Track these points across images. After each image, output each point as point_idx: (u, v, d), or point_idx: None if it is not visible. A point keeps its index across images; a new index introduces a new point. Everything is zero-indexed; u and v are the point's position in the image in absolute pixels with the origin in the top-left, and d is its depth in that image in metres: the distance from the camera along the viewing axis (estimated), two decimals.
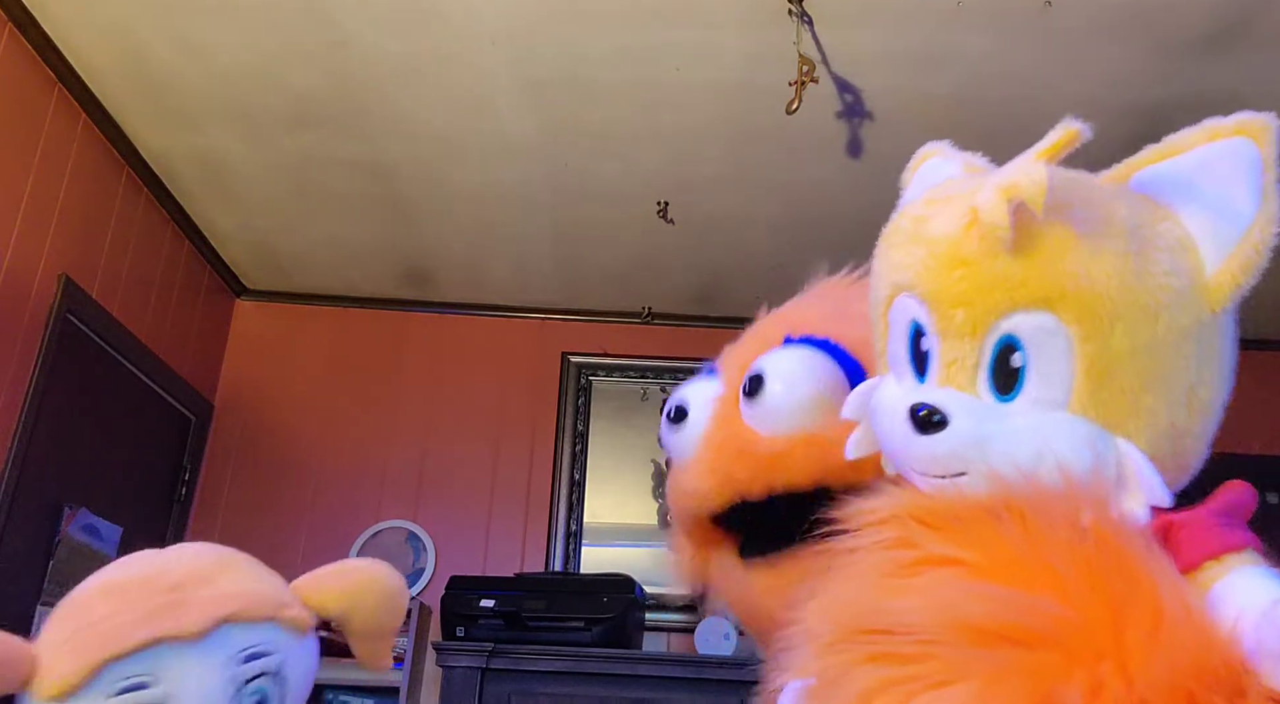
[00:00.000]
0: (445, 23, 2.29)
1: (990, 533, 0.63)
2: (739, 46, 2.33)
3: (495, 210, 3.08)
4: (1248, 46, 2.28)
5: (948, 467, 0.67)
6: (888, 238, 0.77)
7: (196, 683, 0.87)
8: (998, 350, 0.68)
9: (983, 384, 0.68)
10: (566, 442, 3.54)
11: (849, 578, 0.67)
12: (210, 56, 2.43)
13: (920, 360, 0.72)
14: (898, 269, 0.73)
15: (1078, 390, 0.66)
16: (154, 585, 0.91)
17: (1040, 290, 0.66)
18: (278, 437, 3.45)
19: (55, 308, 2.54)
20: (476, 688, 2.54)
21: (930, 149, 0.87)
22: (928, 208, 0.73)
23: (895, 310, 0.74)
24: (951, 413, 0.66)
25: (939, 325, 0.70)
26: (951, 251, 0.69)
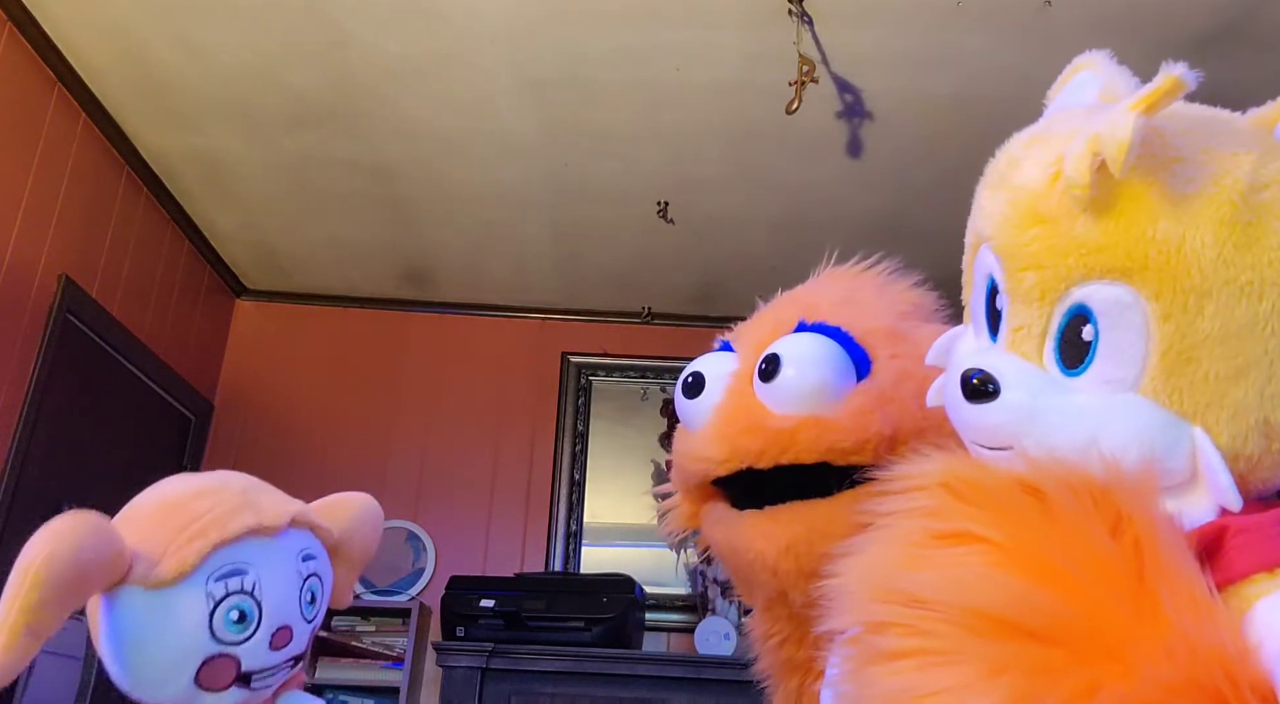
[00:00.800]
0: (445, 23, 2.29)
1: (1022, 516, 0.60)
2: (739, 46, 2.33)
3: (495, 210, 3.08)
4: (1248, 46, 2.28)
5: (994, 438, 0.64)
6: (986, 176, 0.71)
7: (278, 572, 1.00)
8: (1067, 319, 0.62)
9: (1049, 355, 0.64)
10: (566, 442, 3.54)
11: (882, 540, 0.65)
12: (210, 56, 2.43)
13: (995, 318, 0.68)
14: (982, 216, 0.68)
15: (1151, 372, 0.60)
16: (227, 490, 1.03)
17: (1119, 259, 0.59)
18: (278, 437, 3.45)
19: (55, 308, 2.54)
20: (476, 688, 2.54)
21: (1083, 60, 0.75)
22: (1026, 148, 0.67)
23: (978, 261, 0.70)
24: (1006, 382, 0.63)
25: (1010, 287, 0.65)
26: (1030, 206, 0.63)
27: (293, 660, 1.02)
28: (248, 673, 0.97)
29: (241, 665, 0.96)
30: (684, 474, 1.05)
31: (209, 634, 0.95)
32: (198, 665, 0.95)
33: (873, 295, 1.04)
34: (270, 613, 0.98)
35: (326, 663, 3.04)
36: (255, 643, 0.97)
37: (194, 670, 0.95)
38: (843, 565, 0.67)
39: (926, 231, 3.02)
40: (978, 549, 0.59)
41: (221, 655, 0.95)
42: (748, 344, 1.02)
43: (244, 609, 0.96)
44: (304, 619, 1.02)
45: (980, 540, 0.59)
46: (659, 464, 3.49)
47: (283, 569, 1.01)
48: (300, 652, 1.03)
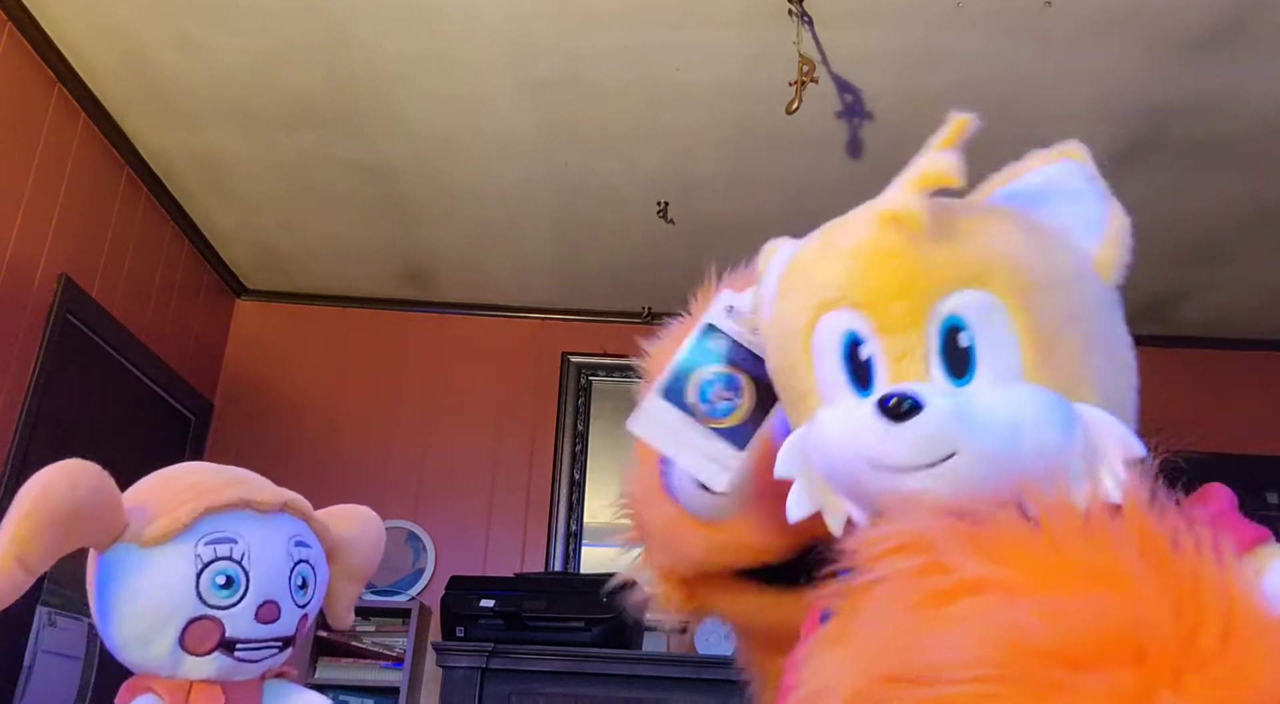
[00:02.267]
0: (445, 23, 2.29)
1: (1019, 545, 0.58)
2: (739, 46, 2.33)
3: (495, 210, 3.08)
4: (1247, 46, 2.28)
5: (935, 450, 0.63)
6: (790, 278, 0.76)
7: (266, 547, 1.03)
8: (944, 334, 0.67)
9: (936, 370, 0.67)
10: (566, 442, 3.54)
11: (871, 618, 0.60)
12: (210, 56, 2.43)
13: (860, 373, 0.70)
14: (818, 289, 0.72)
15: (1028, 360, 0.66)
16: (226, 471, 1.09)
17: (971, 268, 0.67)
18: (278, 437, 3.45)
19: (55, 308, 2.54)
20: (476, 688, 2.54)
21: (771, 245, 0.86)
22: (827, 236, 0.75)
23: (819, 334, 0.72)
24: (924, 395, 0.64)
25: (879, 323, 0.69)
26: (874, 250, 0.69)
27: (280, 643, 1.04)
28: (231, 640, 0.99)
29: (226, 631, 0.99)
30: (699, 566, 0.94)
31: (195, 595, 0.98)
32: (182, 625, 0.98)
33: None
34: (257, 584, 1.01)
35: (326, 663, 3.04)
36: (240, 610, 0.99)
37: (179, 630, 0.98)
38: (824, 661, 0.62)
39: None
40: (995, 595, 0.56)
41: (206, 618, 0.98)
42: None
43: (231, 575, 0.99)
44: (294, 602, 1.04)
45: (993, 584, 0.57)
46: None
47: (273, 546, 1.04)
48: (288, 635, 1.04)
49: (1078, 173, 0.75)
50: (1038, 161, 0.76)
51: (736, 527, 0.90)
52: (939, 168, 0.67)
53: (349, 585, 1.19)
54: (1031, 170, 0.76)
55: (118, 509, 0.99)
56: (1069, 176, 0.75)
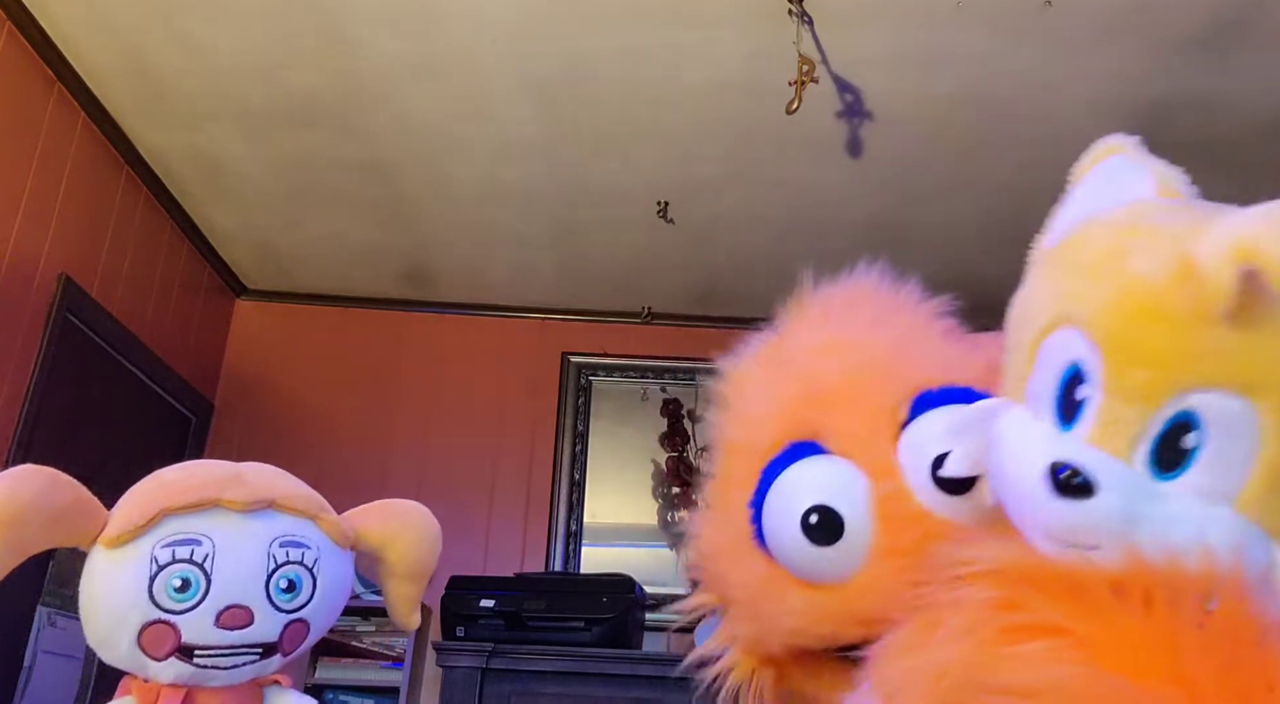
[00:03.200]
0: (445, 23, 2.29)
1: (1108, 606, 0.55)
2: (739, 46, 2.33)
3: (495, 210, 3.08)
4: (1248, 46, 2.28)
5: (1083, 538, 0.59)
6: (1060, 256, 0.67)
7: (237, 548, 0.98)
8: (1170, 425, 0.58)
9: (1141, 456, 0.59)
10: (566, 442, 3.54)
11: (942, 640, 0.59)
12: (210, 56, 2.43)
13: (1068, 406, 0.63)
14: (1071, 299, 0.63)
15: (1251, 488, 0.57)
16: (221, 468, 1.06)
17: (1245, 373, 0.56)
18: (278, 436, 3.45)
19: (55, 308, 2.54)
20: (476, 688, 2.54)
21: (1112, 143, 0.73)
22: (1123, 237, 0.63)
23: (1052, 343, 0.64)
24: (1101, 482, 0.57)
25: (1110, 380, 0.60)
26: (1151, 302, 0.58)
27: (259, 649, 0.99)
28: (188, 645, 0.96)
29: (181, 635, 0.96)
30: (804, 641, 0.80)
31: (148, 597, 0.95)
32: (138, 628, 0.96)
33: (918, 319, 0.86)
34: (220, 588, 0.97)
35: (326, 663, 3.04)
36: (198, 615, 0.96)
37: (134, 633, 0.96)
38: (893, 668, 0.60)
39: (927, 232, 3.02)
40: (1065, 644, 0.54)
41: (160, 621, 0.95)
42: (861, 443, 0.79)
43: (187, 578, 0.96)
44: (274, 606, 0.99)
45: (1065, 633, 0.54)
46: (659, 464, 3.48)
47: (246, 548, 0.99)
48: (267, 641, 1.00)
49: None
50: None
51: (849, 589, 0.76)
52: (1276, 250, 0.53)
53: (401, 584, 1.13)
54: None
55: (96, 517, 0.98)
56: None
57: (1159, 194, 0.68)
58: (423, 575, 1.15)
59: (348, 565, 1.09)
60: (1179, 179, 0.70)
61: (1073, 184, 0.73)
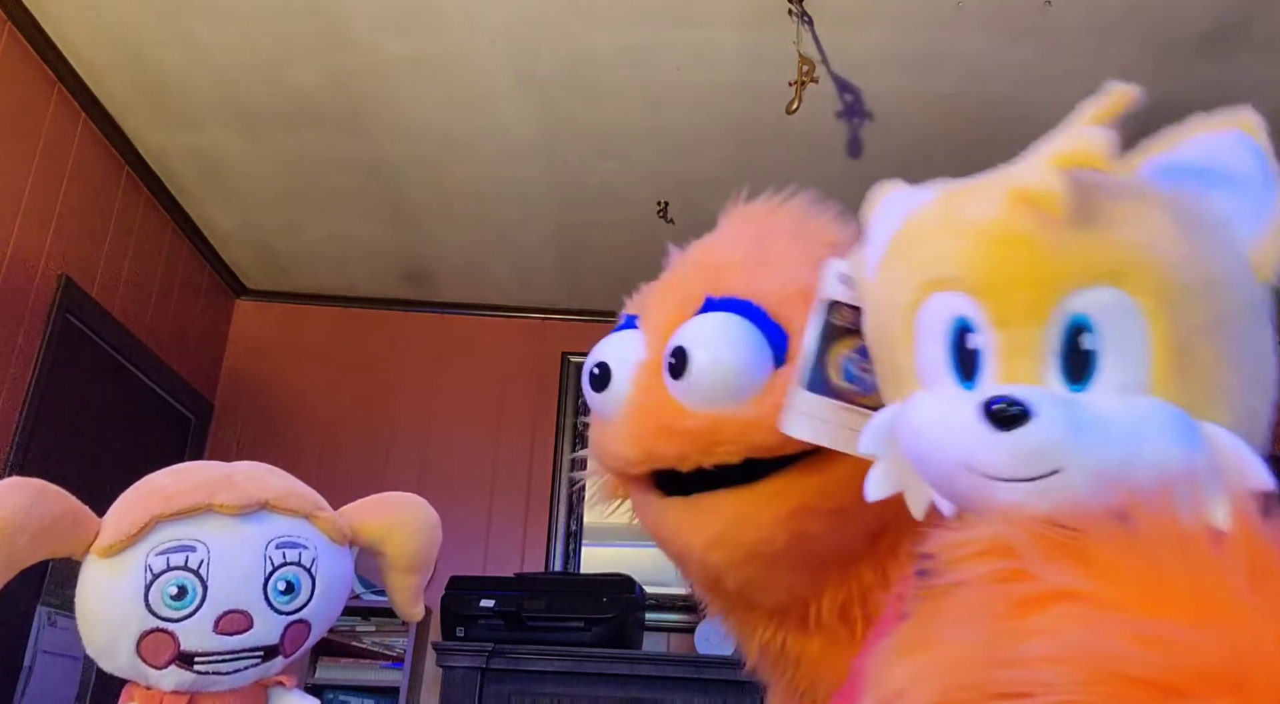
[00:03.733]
0: (445, 23, 2.29)
1: (1113, 555, 0.54)
2: (739, 46, 2.33)
3: (495, 210, 3.08)
4: (1248, 46, 2.28)
5: (1039, 465, 0.58)
6: (901, 244, 0.70)
7: (233, 553, 0.98)
8: (1067, 333, 0.60)
9: (1053, 372, 0.61)
10: (566, 442, 3.54)
11: (951, 625, 0.57)
12: (210, 56, 2.43)
13: (966, 362, 0.64)
14: (931, 265, 0.65)
15: (1157, 371, 0.59)
16: (212, 470, 1.05)
17: (1108, 264, 0.60)
18: (277, 436, 3.45)
19: (55, 308, 2.54)
20: (476, 688, 2.54)
21: (884, 187, 0.79)
22: (949, 203, 0.67)
23: (925, 314, 0.66)
24: (1033, 403, 0.58)
25: (996, 314, 0.62)
26: (1002, 231, 0.62)
27: (260, 653, 0.99)
28: (188, 653, 0.95)
29: (180, 644, 0.95)
30: (602, 463, 0.99)
31: (144, 607, 0.94)
32: (136, 637, 0.95)
33: (785, 245, 0.94)
34: (217, 594, 0.96)
35: (326, 663, 3.04)
36: (196, 622, 0.95)
37: (133, 642, 0.95)
38: (907, 666, 0.59)
39: None
40: (1084, 608, 0.53)
41: (158, 630, 0.95)
42: (653, 326, 0.93)
43: (184, 585, 0.95)
44: (273, 608, 0.99)
45: (1082, 597, 0.53)
46: None
47: (242, 551, 0.98)
48: (268, 644, 0.99)
49: (1246, 148, 0.66)
50: (1201, 129, 0.67)
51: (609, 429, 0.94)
52: (1088, 145, 0.59)
53: (403, 576, 1.13)
54: (1193, 140, 0.67)
55: (68, 522, 0.96)
56: (1235, 151, 0.66)
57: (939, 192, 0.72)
58: (424, 567, 1.15)
59: (347, 562, 1.09)
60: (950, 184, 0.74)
61: (865, 228, 0.77)
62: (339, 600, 1.07)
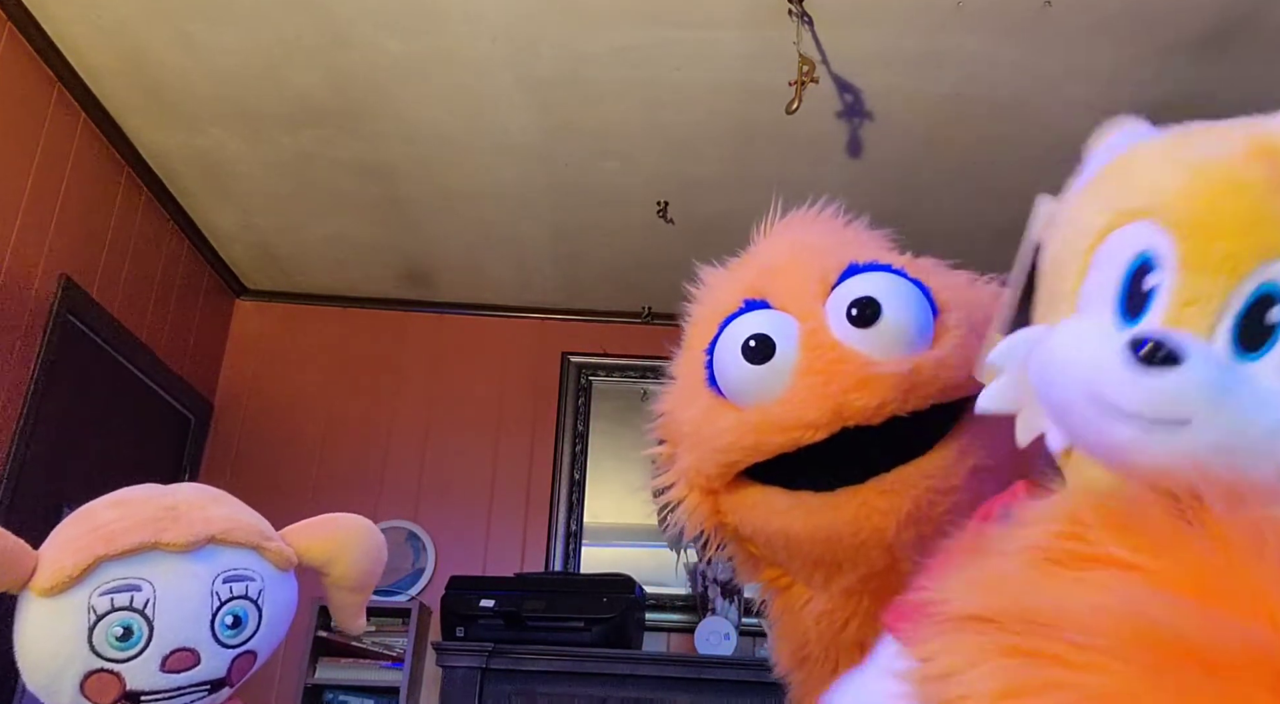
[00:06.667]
0: (445, 22, 2.29)
1: (1178, 539, 0.52)
2: (739, 46, 2.33)
3: (495, 210, 3.08)
4: (1248, 46, 2.28)
5: (1172, 411, 0.55)
6: (1112, 171, 0.66)
7: (179, 591, 0.96)
8: (1253, 299, 0.56)
9: (1224, 333, 0.56)
10: (566, 442, 3.54)
11: (1002, 555, 0.57)
12: (210, 56, 2.43)
13: (1134, 301, 0.60)
14: (1139, 192, 0.61)
15: None
16: (155, 503, 1.01)
17: None
18: (277, 437, 3.45)
19: (55, 308, 2.54)
20: (476, 688, 2.54)
21: (1124, 120, 0.73)
22: (1182, 138, 0.62)
23: (1112, 243, 0.62)
24: (1188, 352, 0.54)
25: (1188, 256, 0.57)
26: (1228, 175, 0.57)
27: (207, 686, 0.98)
28: (134, 692, 0.94)
29: (126, 684, 0.94)
30: (742, 454, 0.91)
31: (88, 648, 0.93)
32: (80, 677, 0.93)
33: (865, 237, 1.00)
34: (163, 634, 0.95)
35: (326, 663, 3.04)
36: (143, 662, 0.94)
37: (77, 682, 0.93)
38: (948, 583, 0.58)
39: (927, 231, 3.01)
40: (1133, 577, 0.52)
41: (103, 670, 0.93)
42: (799, 298, 0.92)
43: (129, 625, 0.93)
44: (220, 643, 0.98)
45: (1131, 566, 0.52)
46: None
47: (188, 589, 0.97)
48: (215, 678, 0.99)
49: None
50: None
51: (775, 405, 0.88)
52: None
53: (347, 595, 1.14)
54: None
55: (23, 562, 0.94)
56: None
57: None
58: (369, 587, 1.15)
59: (292, 589, 1.08)
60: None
61: (1085, 160, 0.72)
62: (285, 626, 1.07)
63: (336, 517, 1.15)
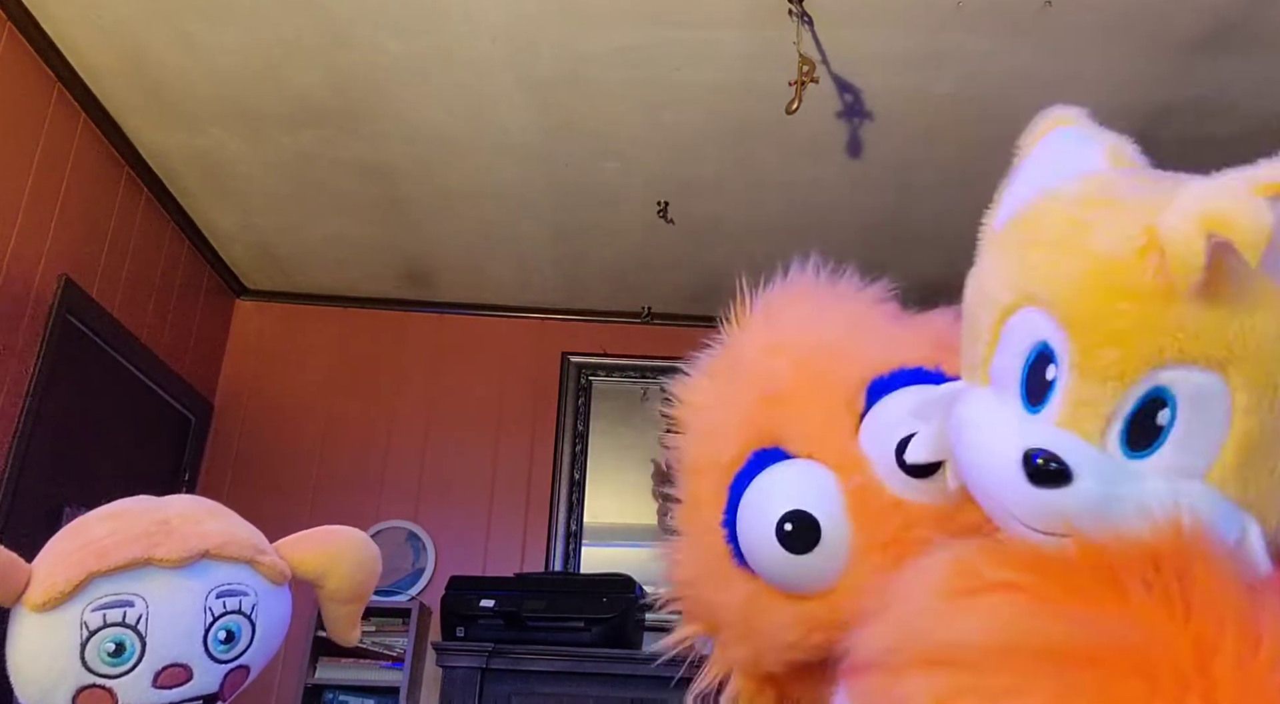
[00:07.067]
0: (445, 22, 2.29)
1: (1055, 561, 0.57)
2: (739, 46, 2.33)
3: (495, 210, 3.08)
4: (1248, 47, 2.28)
5: (1056, 526, 0.58)
6: (1017, 233, 0.65)
7: (172, 607, 0.96)
8: (1142, 403, 0.57)
9: (1114, 435, 0.58)
10: (566, 442, 3.54)
11: (904, 599, 0.62)
12: (210, 56, 2.43)
13: (1036, 387, 0.61)
14: (1035, 277, 0.61)
15: (1223, 462, 0.56)
16: (148, 517, 1.01)
17: (1215, 347, 0.55)
18: (278, 437, 3.45)
19: (55, 308, 2.54)
20: (476, 688, 2.54)
21: (1058, 115, 0.72)
22: (1086, 210, 0.60)
23: (1016, 322, 0.62)
24: (1076, 468, 0.56)
25: (1079, 360, 0.58)
26: (1118, 279, 0.56)
27: (199, 701, 0.98)
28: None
29: (118, 699, 0.93)
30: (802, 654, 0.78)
31: (80, 664, 0.92)
32: (72, 693, 0.93)
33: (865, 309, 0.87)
34: (156, 649, 0.94)
35: (326, 663, 3.04)
36: (135, 678, 0.93)
37: (69, 697, 0.93)
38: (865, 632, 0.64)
39: (926, 232, 3.02)
40: (1018, 597, 0.56)
41: (95, 687, 0.93)
42: (823, 442, 0.78)
43: (121, 641, 0.93)
44: (213, 659, 0.98)
45: (1013, 587, 0.57)
46: (658, 463, 3.48)
47: (181, 605, 0.96)
48: (207, 693, 0.98)
49: None
50: None
51: (837, 593, 0.74)
52: (1246, 223, 0.51)
53: (340, 606, 1.13)
54: None
55: (17, 576, 0.94)
56: None
57: (1111, 165, 0.67)
58: (362, 598, 1.14)
59: (286, 603, 1.08)
60: (1130, 148, 0.69)
61: (1020, 158, 0.72)
62: (278, 640, 1.07)
63: (330, 529, 1.14)
